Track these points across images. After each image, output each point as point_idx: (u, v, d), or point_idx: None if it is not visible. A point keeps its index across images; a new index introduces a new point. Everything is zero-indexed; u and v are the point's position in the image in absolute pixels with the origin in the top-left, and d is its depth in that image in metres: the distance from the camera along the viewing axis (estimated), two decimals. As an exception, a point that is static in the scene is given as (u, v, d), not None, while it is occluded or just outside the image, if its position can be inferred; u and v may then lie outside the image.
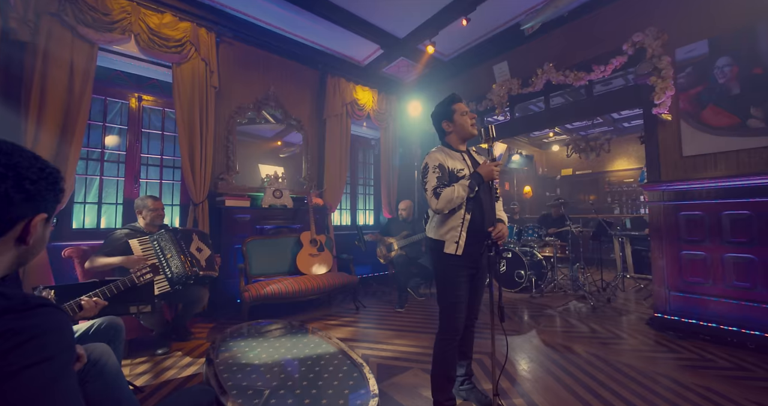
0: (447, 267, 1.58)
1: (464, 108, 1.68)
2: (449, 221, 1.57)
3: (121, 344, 1.57)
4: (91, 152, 3.22)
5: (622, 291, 4.19)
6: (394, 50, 4.25)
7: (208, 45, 3.43)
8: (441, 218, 1.60)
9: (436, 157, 1.61)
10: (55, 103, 2.64)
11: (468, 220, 1.56)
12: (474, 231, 1.56)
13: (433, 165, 1.59)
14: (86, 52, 2.79)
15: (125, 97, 3.38)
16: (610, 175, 7.69)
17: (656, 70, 2.82)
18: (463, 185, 1.51)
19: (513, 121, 4.30)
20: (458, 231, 1.55)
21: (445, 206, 1.50)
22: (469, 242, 1.56)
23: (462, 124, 1.66)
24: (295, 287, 2.95)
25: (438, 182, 1.54)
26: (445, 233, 1.58)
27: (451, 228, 1.56)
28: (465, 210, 1.56)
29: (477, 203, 1.58)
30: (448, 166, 1.60)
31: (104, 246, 2.36)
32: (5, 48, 2.46)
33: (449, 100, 1.69)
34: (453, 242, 1.55)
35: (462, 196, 1.50)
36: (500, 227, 1.52)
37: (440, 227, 1.60)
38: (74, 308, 1.32)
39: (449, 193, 1.49)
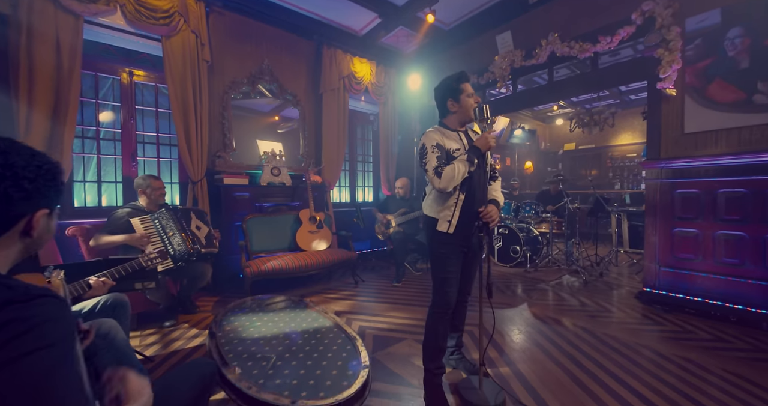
0: (439, 244, 1.62)
1: (471, 89, 1.64)
2: (445, 200, 1.59)
3: (127, 320, 1.66)
4: (86, 130, 3.19)
5: (615, 266, 4.29)
6: (393, 19, 4.05)
7: (197, 16, 3.28)
8: (437, 197, 1.62)
9: (433, 136, 1.60)
10: (44, 80, 2.58)
11: (462, 200, 1.58)
12: (467, 211, 1.59)
13: (431, 145, 1.57)
14: (71, 25, 2.68)
15: (116, 72, 3.29)
16: (613, 149, 7.58)
17: (664, 41, 2.70)
18: (462, 161, 1.52)
19: (515, 95, 4.18)
20: (452, 211, 1.58)
21: (449, 185, 1.50)
22: (462, 222, 1.59)
23: (467, 107, 1.63)
24: (294, 263, 3.04)
25: (438, 162, 1.53)
26: (439, 211, 1.61)
27: (446, 207, 1.59)
28: (459, 190, 1.58)
29: (471, 182, 1.59)
30: (445, 146, 1.59)
31: (107, 225, 2.42)
32: None
33: (458, 78, 1.63)
34: (446, 221, 1.59)
35: (463, 171, 1.50)
36: (490, 208, 1.54)
37: (435, 205, 1.63)
38: (84, 286, 1.38)
39: (450, 172, 1.49)
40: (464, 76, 1.64)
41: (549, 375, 1.77)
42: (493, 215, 1.54)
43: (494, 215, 1.54)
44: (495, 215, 1.55)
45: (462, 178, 1.51)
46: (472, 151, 1.55)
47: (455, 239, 1.60)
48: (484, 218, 1.52)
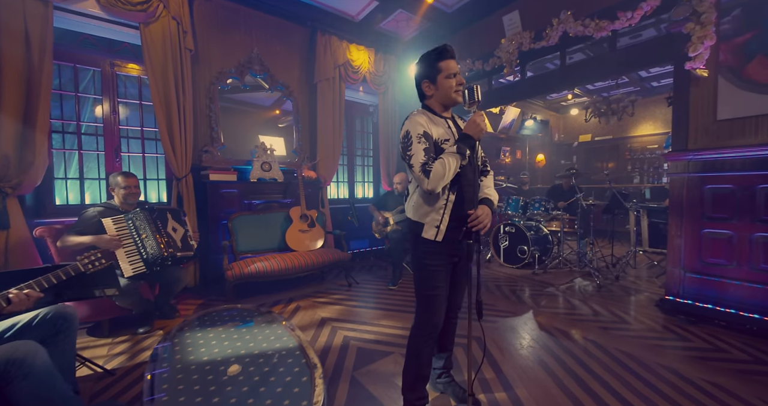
0: (425, 254, 1.37)
1: (453, 68, 1.36)
2: (432, 202, 1.34)
3: (72, 334, 1.49)
4: (67, 125, 3.05)
5: (633, 268, 3.95)
6: (391, 1, 3.75)
7: (178, 1, 3.07)
8: (423, 198, 1.37)
9: (419, 122, 1.32)
10: (12, 74, 2.41)
11: (452, 201, 1.33)
12: (458, 214, 1.34)
13: (417, 133, 1.30)
14: (40, 12, 2.51)
15: (96, 63, 3.13)
16: (632, 141, 7.10)
17: (695, 13, 2.33)
18: (452, 154, 1.26)
19: (524, 81, 3.84)
20: (440, 214, 1.33)
21: (438, 184, 1.25)
22: (452, 227, 1.34)
23: (445, 89, 1.36)
24: (281, 265, 2.85)
25: (426, 156, 1.26)
26: (425, 215, 1.36)
27: (433, 210, 1.34)
28: (449, 190, 1.33)
29: (461, 179, 1.34)
30: (432, 134, 1.33)
31: (76, 224, 2.27)
32: None
33: (436, 56, 1.36)
34: (433, 227, 1.34)
35: (455, 167, 1.25)
36: (479, 212, 1.28)
37: (420, 207, 1.37)
38: (0, 302, 1.21)
39: (440, 169, 1.23)
40: (444, 52, 1.36)
41: (551, 403, 1.52)
42: (485, 220, 1.28)
43: (486, 220, 1.29)
44: (487, 219, 1.29)
45: (454, 174, 1.27)
46: (463, 141, 1.29)
47: (444, 248, 1.36)
48: (473, 224, 1.27)
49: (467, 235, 1.31)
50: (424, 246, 1.37)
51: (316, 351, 1.99)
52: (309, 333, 2.26)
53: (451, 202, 1.33)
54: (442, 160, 1.26)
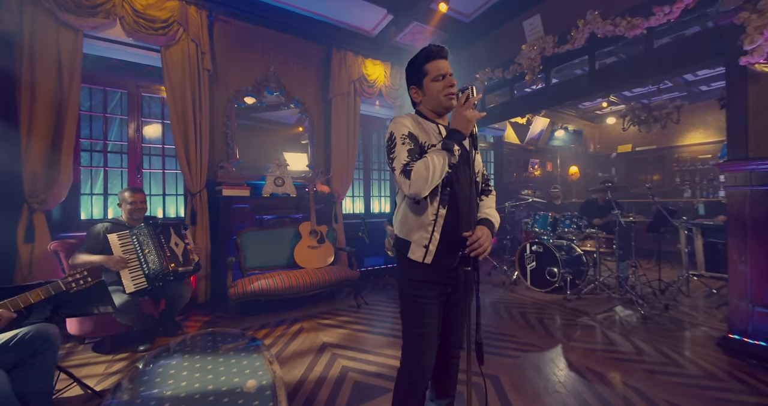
0: (411, 282, 1.18)
1: (443, 69, 1.18)
2: (419, 215, 1.15)
3: (53, 355, 1.44)
4: (95, 144, 3.23)
5: (686, 296, 3.41)
6: (405, 14, 3.70)
7: (197, 24, 3.21)
8: (409, 210, 1.18)
9: (404, 123, 1.16)
10: (44, 97, 2.59)
11: (443, 216, 1.14)
12: (450, 233, 1.14)
13: (401, 134, 1.14)
14: (71, 40, 2.70)
15: (124, 86, 3.32)
16: (680, 150, 6.42)
17: (750, 1, 2.01)
18: (437, 151, 1.08)
19: (549, 88, 3.58)
20: (429, 231, 1.14)
21: (422, 188, 1.06)
22: (443, 248, 1.14)
23: (433, 93, 1.20)
24: (285, 284, 2.74)
25: (409, 157, 1.10)
26: (411, 231, 1.17)
27: (420, 226, 1.15)
28: (440, 202, 1.14)
29: (454, 192, 1.15)
30: (419, 138, 1.16)
31: (85, 241, 2.31)
32: None
33: (423, 57, 1.21)
34: (421, 246, 1.15)
35: (440, 165, 1.06)
36: (479, 234, 1.08)
37: (406, 221, 1.18)
38: None
39: (422, 168, 1.05)
40: (431, 52, 1.20)
41: (580, 473, 1.22)
42: (484, 244, 1.08)
43: (485, 244, 1.08)
44: (486, 243, 1.09)
45: (441, 175, 1.08)
46: (451, 137, 1.10)
47: (435, 275, 1.16)
48: (471, 248, 1.07)
49: (464, 260, 1.10)
50: (411, 271, 1.18)
51: (309, 383, 1.81)
52: (306, 360, 2.09)
53: (442, 217, 1.13)
54: (425, 158, 1.07)
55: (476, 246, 1.06)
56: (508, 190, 6.27)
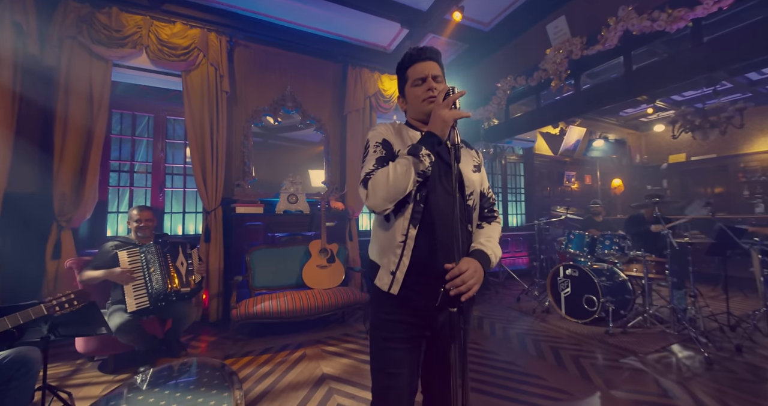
0: (378, 318, 1.01)
1: (422, 71, 1.03)
2: (386, 232, 0.98)
3: (29, 382, 1.40)
4: (123, 165, 3.42)
5: (764, 336, 2.79)
6: (420, 27, 3.62)
7: (217, 49, 3.35)
8: (377, 227, 1.03)
9: (380, 130, 1.06)
10: (76, 126, 2.78)
11: (413, 237, 0.94)
12: (425, 261, 0.94)
13: (375, 141, 1.02)
14: (102, 70, 2.91)
15: (151, 110, 3.53)
16: (747, 159, 5.57)
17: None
18: (402, 157, 0.92)
19: (579, 95, 3.25)
20: (398, 255, 0.95)
21: (380, 200, 0.90)
22: (415, 280, 0.94)
23: (412, 100, 1.05)
24: (289, 306, 2.62)
25: (376, 165, 0.96)
26: (380, 253, 1.00)
27: (389, 247, 0.97)
28: (410, 221, 0.94)
29: (429, 208, 0.96)
30: (395, 146, 1.01)
31: (95, 258, 2.37)
32: (27, 79, 2.63)
33: (405, 62, 1.07)
34: (388, 272, 0.96)
35: (405, 173, 0.89)
36: (463, 267, 0.86)
37: (376, 240, 1.03)
38: None
39: (381, 177, 0.90)
40: (412, 56, 1.05)
41: None
42: (469, 281, 0.85)
43: (470, 281, 0.86)
44: (472, 280, 0.86)
45: (406, 185, 0.90)
46: (422, 140, 0.93)
47: (405, 311, 0.96)
48: (452, 285, 0.85)
49: (448, 300, 0.88)
50: (379, 304, 1.01)
51: (296, 423, 1.63)
52: (299, 395, 1.91)
53: (412, 239, 0.94)
54: (387, 166, 0.92)
55: (458, 282, 0.85)
56: (542, 205, 5.80)
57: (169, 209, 3.59)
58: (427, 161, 0.91)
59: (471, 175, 1.05)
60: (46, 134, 2.75)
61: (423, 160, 0.91)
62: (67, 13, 2.78)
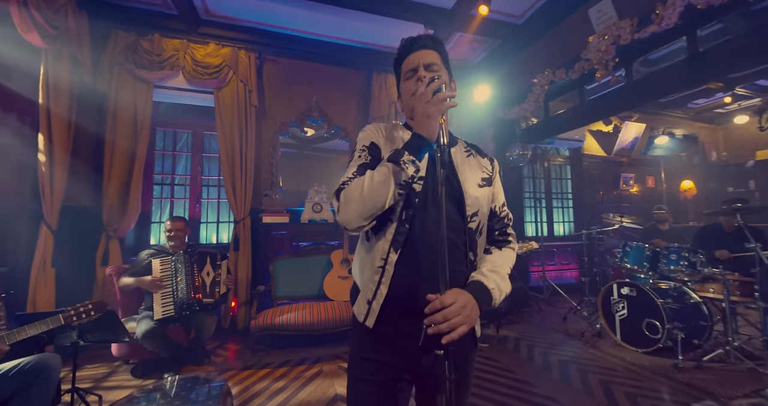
0: (352, 352, 0.87)
1: (413, 62, 0.88)
2: (366, 256, 0.84)
3: (47, 388, 1.46)
4: (165, 178, 3.69)
5: None
6: (443, 26, 3.45)
7: (246, 66, 3.48)
8: (359, 244, 0.90)
9: (369, 131, 0.91)
10: (122, 146, 3.04)
11: (393, 263, 0.78)
12: (404, 292, 0.78)
13: (362, 145, 0.88)
14: (144, 92, 3.17)
15: (189, 126, 3.78)
16: None
17: None
18: (383, 165, 0.75)
19: (630, 85, 2.83)
20: (375, 282, 0.80)
21: (353, 216, 0.75)
22: (393, 313, 0.79)
23: (405, 97, 0.90)
24: (307, 319, 2.55)
25: (357, 172, 0.80)
26: (360, 275, 0.86)
27: (370, 271, 0.82)
28: (391, 245, 0.79)
29: (413, 233, 0.79)
30: (383, 151, 0.87)
31: (132, 266, 2.52)
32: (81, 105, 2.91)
33: (399, 55, 0.92)
34: (364, 301, 0.82)
35: (383, 183, 0.73)
36: (448, 299, 0.68)
37: (357, 260, 0.90)
38: None
39: (354, 188, 0.75)
40: (404, 48, 0.91)
41: None
42: (453, 318, 0.67)
43: (456, 319, 0.67)
44: (458, 318, 0.67)
45: (385, 199, 0.74)
46: (408, 144, 0.76)
47: (380, 347, 0.81)
48: (430, 321, 0.67)
49: (432, 340, 0.69)
50: (355, 333, 0.87)
51: (297, 451, 1.51)
52: (307, 417, 1.81)
53: (392, 265, 0.78)
54: (366, 175, 0.77)
55: (438, 319, 0.67)
56: (594, 211, 5.18)
57: (205, 219, 3.79)
58: (411, 170, 0.75)
59: (475, 191, 0.87)
60: (97, 153, 3.04)
61: (405, 169, 0.74)
62: (117, 42, 3.08)
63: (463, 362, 0.83)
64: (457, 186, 0.85)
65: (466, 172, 0.88)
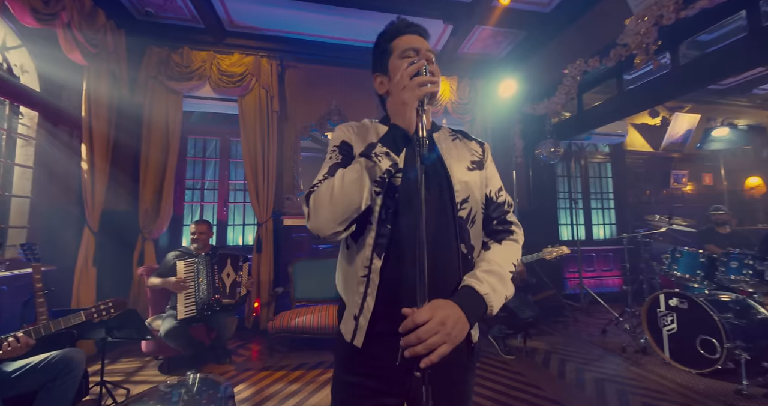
0: (336, 374, 0.79)
1: (415, 42, 0.80)
2: (348, 266, 0.76)
3: (70, 382, 1.54)
4: (196, 183, 3.89)
5: None
6: (464, 20, 3.30)
7: (268, 73, 3.58)
8: (340, 253, 0.82)
9: (342, 129, 0.85)
10: (155, 155, 3.24)
11: (379, 272, 0.70)
12: (394, 301, 0.69)
13: (333, 145, 0.82)
14: (174, 102, 3.36)
15: (217, 134, 3.95)
16: None
17: None
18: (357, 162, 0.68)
19: (678, 72, 2.52)
20: (360, 295, 0.72)
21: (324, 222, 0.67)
22: (382, 329, 0.70)
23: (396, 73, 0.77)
24: (322, 322, 2.53)
25: (327, 175, 0.74)
26: (344, 288, 0.78)
27: (353, 283, 0.74)
28: (374, 250, 0.71)
29: (398, 235, 0.71)
30: (355, 149, 0.80)
31: (160, 266, 2.66)
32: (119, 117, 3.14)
33: (390, 33, 0.84)
34: (351, 316, 0.74)
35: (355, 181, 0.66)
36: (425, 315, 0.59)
37: (341, 270, 0.81)
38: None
39: (326, 190, 0.68)
40: (399, 28, 0.82)
41: None
42: (429, 340, 0.57)
43: (433, 339, 0.57)
44: (434, 338, 0.58)
45: (357, 200, 0.66)
46: (383, 137, 0.70)
47: (368, 369, 0.72)
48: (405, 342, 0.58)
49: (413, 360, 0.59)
50: (340, 353, 0.78)
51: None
52: (315, 424, 1.77)
53: (377, 273, 0.70)
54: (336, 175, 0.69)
55: (412, 340, 0.57)
56: (640, 212, 4.69)
57: (232, 222, 3.93)
58: (386, 163, 0.67)
59: (463, 175, 0.79)
60: (133, 161, 3.26)
61: (379, 163, 0.66)
62: (151, 57, 3.30)
63: (457, 375, 0.74)
64: (443, 171, 0.77)
65: (452, 156, 0.80)
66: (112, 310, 1.68)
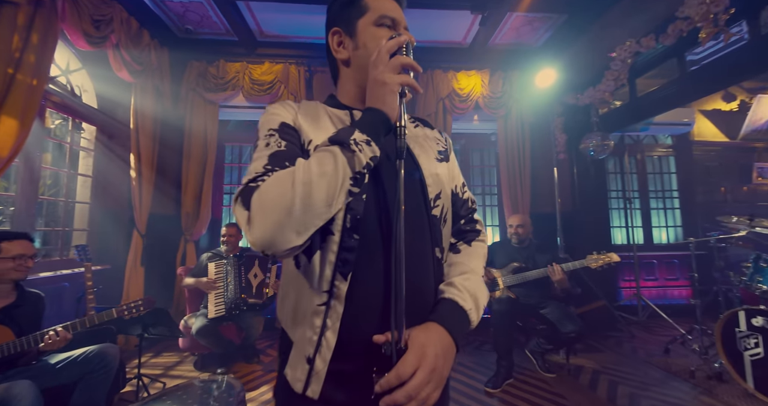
0: None
1: (393, 11, 0.67)
2: (299, 294, 0.59)
3: (105, 376, 1.64)
4: (233, 188, 4.09)
5: None
6: (493, 7, 3.08)
7: (296, 79, 3.66)
8: (283, 284, 0.65)
9: (276, 111, 0.65)
10: (196, 161, 3.46)
11: (342, 296, 0.55)
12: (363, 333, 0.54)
13: (268, 129, 0.61)
14: (212, 112, 3.57)
15: (252, 141, 4.12)
16: None
17: None
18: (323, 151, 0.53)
19: (757, 43, 2.10)
20: (316, 328, 0.55)
21: (273, 230, 0.48)
22: (347, 369, 0.55)
23: (370, 45, 0.65)
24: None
25: (269, 166, 0.54)
26: (292, 320, 0.60)
27: (304, 311, 0.58)
28: (335, 267, 0.55)
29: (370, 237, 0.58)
30: (303, 133, 0.63)
31: (194, 267, 2.80)
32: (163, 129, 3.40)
33: None
34: (301, 361, 0.56)
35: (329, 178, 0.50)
36: (406, 369, 0.47)
37: (287, 297, 0.63)
38: (31, 341, 1.45)
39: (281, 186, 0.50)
40: None
41: None
42: (422, 393, 0.46)
43: (423, 394, 0.47)
44: (425, 390, 0.47)
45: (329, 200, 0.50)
46: (360, 120, 0.56)
47: None
48: (380, 388, 0.46)
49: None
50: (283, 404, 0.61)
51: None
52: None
53: (341, 298, 0.55)
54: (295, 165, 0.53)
55: (401, 400, 0.45)
56: (710, 213, 4.04)
57: (265, 225, 4.07)
58: (367, 155, 0.52)
59: (434, 167, 0.68)
60: (176, 168, 3.51)
61: (359, 153, 0.52)
62: (191, 71, 3.53)
63: None
64: (412, 162, 0.66)
65: (419, 144, 0.70)
66: (141, 308, 1.78)
